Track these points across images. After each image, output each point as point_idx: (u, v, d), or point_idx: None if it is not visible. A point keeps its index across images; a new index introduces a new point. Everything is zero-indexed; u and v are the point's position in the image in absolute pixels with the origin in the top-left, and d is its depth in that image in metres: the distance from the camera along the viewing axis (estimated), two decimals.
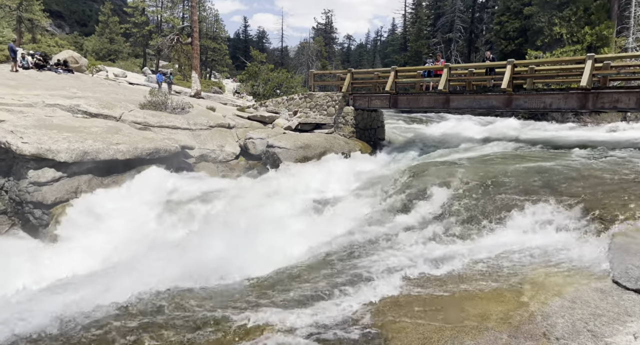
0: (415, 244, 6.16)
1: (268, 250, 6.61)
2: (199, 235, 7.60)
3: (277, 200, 10.92)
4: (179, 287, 4.94)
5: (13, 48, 20.36)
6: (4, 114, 14.01)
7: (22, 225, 11.53)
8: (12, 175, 11.86)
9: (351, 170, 13.93)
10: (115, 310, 4.37)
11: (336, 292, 4.71)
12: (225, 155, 17.06)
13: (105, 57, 44.20)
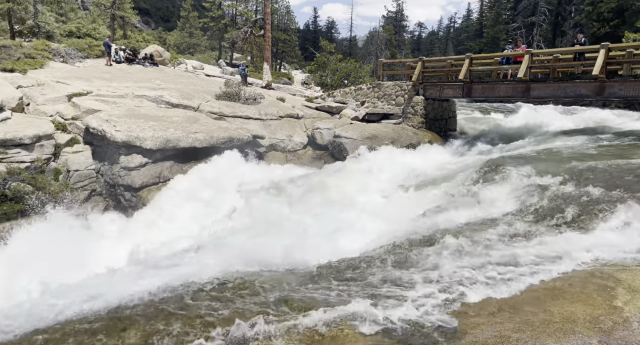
0: (496, 240, 5.87)
1: (340, 236, 6.68)
2: (271, 220, 7.89)
3: (346, 188, 10.97)
4: (247, 270, 5.18)
5: (108, 44, 22.42)
6: (100, 104, 15.52)
7: (115, 206, 12.75)
8: (107, 160, 13.13)
9: (420, 162, 13.57)
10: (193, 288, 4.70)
11: (407, 283, 4.65)
12: (293, 144, 17.44)
13: (185, 51, 47.04)
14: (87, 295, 4.56)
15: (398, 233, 6.76)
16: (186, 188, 12.18)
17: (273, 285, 4.70)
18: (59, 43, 23.33)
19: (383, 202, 9.82)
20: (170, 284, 4.73)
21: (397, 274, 4.91)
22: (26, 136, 12.31)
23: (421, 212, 7.88)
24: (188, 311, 4.07)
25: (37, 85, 16.33)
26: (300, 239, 6.51)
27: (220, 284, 4.58)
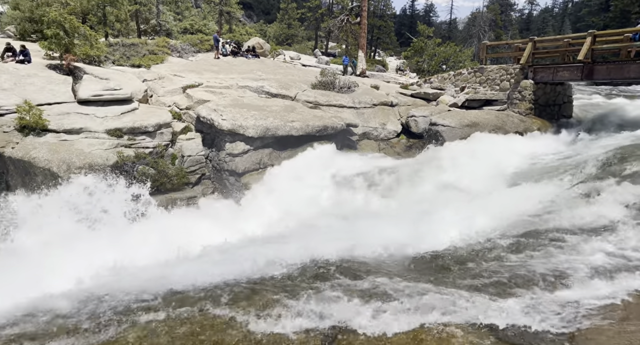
0: (622, 238, 5.22)
1: (439, 228, 6.50)
2: (366, 208, 7.97)
3: (441, 177, 10.59)
4: (345, 254, 5.31)
5: (217, 38, 24.32)
6: (209, 95, 16.93)
7: (220, 189, 13.92)
8: (214, 147, 14.34)
9: (528, 151, 12.48)
10: (289, 267, 4.98)
11: (520, 281, 4.38)
12: (386, 133, 17.23)
13: (284, 42, 48.88)
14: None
15: (500, 230, 6.35)
16: (282, 174, 12.82)
17: (372, 270, 4.77)
18: (176, 39, 25.89)
19: (482, 195, 9.26)
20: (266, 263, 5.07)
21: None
22: (150, 124, 13.97)
23: (529, 208, 7.27)
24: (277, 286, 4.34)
25: (158, 78, 18.36)
26: (395, 227, 6.48)
27: (319, 267, 4.78)
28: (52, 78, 15.15)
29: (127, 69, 19.07)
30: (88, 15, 21.82)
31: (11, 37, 20.43)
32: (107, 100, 14.62)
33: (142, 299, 4.28)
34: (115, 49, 20.71)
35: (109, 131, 13.16)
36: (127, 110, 14.55)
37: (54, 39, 15.44)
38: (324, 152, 14.04)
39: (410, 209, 7.59)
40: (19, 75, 14.61)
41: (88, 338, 3.72)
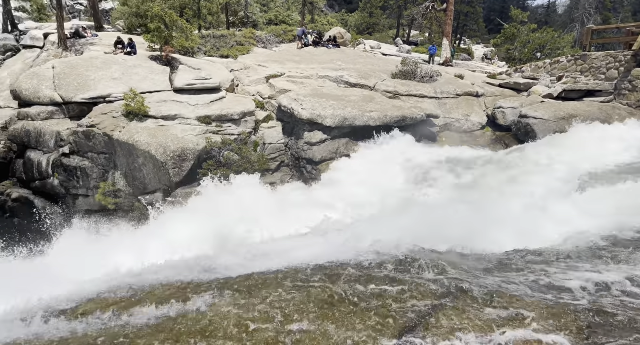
0: None
1: (522, 227, 6.13)
2: (444, 201, 7.74)
3: (532, 175, 9.86)
4: (419, 246, 5.22)
5: (303, 31, 24.93)
6: (290, 84, 17.42)
7: (298, 177, 14.33)
8: (294, 135, 14.78)
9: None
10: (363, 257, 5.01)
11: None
12: (470, 125, 16.41)
13: (364, 31, 48.37)
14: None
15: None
16: (359, 164, 12.84)
17: (455, 266, 4.66)
18: (261, 31, 26.92)
19: (577, 196, 8.47)
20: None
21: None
22: (235, 113, 14.78)
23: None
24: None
25: (244, 68, 19.29)
26: (474, 224, 6.21)
27: (399, 260, 4.76)
28: (153, 68, 16.63)
29: (217, 59, 20.27)
30: (185, 9, 23.53)
31: (120, 31, 22.76)
32: (199, 89, 15.72)
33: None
34: (207, 41, 22.09)
35: (199, 118, 14.18)
36: (216, 98, 15.53)
37: (156, 32, 16.91)
38: (402, 143, 13.79)
39: (491, 206, 7.19)
40: (127, 66, 16.26)
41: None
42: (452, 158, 12.85)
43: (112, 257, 7.26)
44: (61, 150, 13.12)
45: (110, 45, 19.07)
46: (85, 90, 14.50)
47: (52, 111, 14.25)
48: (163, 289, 4.57)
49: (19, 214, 12.72)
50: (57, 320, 4.20)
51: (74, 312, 4.34)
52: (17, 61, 20.12)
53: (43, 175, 13.13)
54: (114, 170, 12.81)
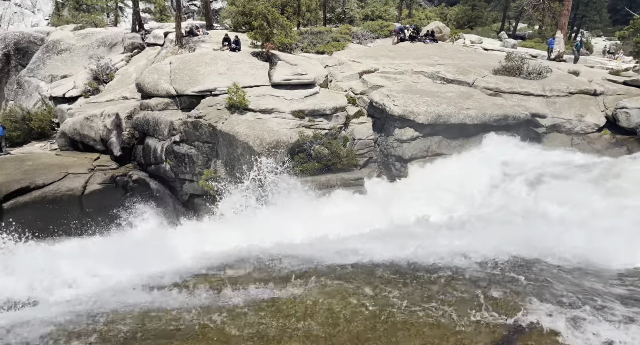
0: None
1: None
2: (548, 209, 7.08)
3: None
4: (518, 256, 4.87)
5: (400, 27, 24.53)
6: (383, 80, 17.25)
7: (385, 173, 14.18)
8: (384, 132, 14.64)
9: None
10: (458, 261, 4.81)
11: None
12: (584, 126, 14.76)
13: (465, 25, 45.85)
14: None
15: None
16: (452, 164, 12.30)
17: (561, 279, 4.29)
18: (357, 26, 27.01)
19: None
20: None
21: None
22: (328, 108, 15.08)
23: None
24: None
25: (338, 64, 19.54)
26: (587, 235, 5.59)
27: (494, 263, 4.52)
28: (255, 64, 17.65)
29: (313, 55, 20.82)
30: (286, 7, 24.56)
31: (227, 29, 24.51)
32: (295, 84, 16.32)
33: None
34: (305, 37, 22.79)
35: (294, 112, 14.74)
36: (310, 94, 15.99)
37: (258, 29, 17.92)
38: (501, 144, 12.89)
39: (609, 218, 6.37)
40: (231, 62, 17.48)
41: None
42: (562, 162, 11.64)
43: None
44: (173, 138, 14.60)
45: (218, 42, 20.65)
46: (195, 84, 15.91)
47: (167, 103, 15.91)
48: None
49: (138, 193, 14.45)
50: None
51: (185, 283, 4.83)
52: (142, 57, 22.78)
53: (158, 160, 14.76)
54: (216, 158, 13.91)
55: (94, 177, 14.39)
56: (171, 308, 4.04)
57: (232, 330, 3.64)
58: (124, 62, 22.72)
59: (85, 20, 26.85)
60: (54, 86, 21.47)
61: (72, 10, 33.51)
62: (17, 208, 12.72)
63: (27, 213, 12.64)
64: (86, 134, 16.63)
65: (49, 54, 22.85)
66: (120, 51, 23.46)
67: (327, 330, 3.58)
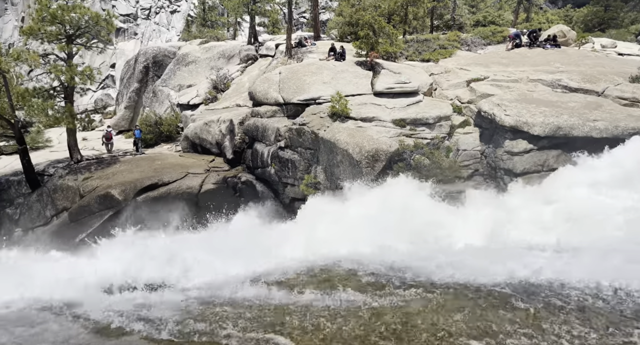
0: None
1: None
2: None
3: None
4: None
5: (517, 33, 22.79)
6: (494, 88, 16.18)
7: (492, 187, 13.17)
8: (492, 143, 13.69)
9: None
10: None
11: None
12: None
13: (595, 28, 40.89)
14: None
15: None
16: (573, 180, 10.98)
17: None
18: (467, 33, 25.80)
19: None
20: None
21: None
22: (431, 116, 14.63)
23: None
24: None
25: (444, 72, 18.86)
26: None
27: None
28: (358, 73, 17.90)
29: (417, 63, 20.40)
30: (392, 16, 24.50)
31: (333, 40, 25.29)
32: (397, 92, 16.15)
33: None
34: (410, 45, 22.46)
35: (394, 121, 14.59)
36: (413, 102, 15.68)
37: (364, 38, 18.14)
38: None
39: None
40: (335, 71, 17.96)
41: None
42: None
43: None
44: (278, 143, 15.45)
45: (324, 52, 21.39)
46: (301, 92, 16.66)
47: (275, 110, 16.91)
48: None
49: (245, 194, 15.59)
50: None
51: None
52: (254, 68, 24.61)
53: (264, 164, 15.75)
54: (316, 164, 14.37)
55: (209, 177, 15.88)
56: (279, 303, 4.29)
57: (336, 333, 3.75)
58: (239, 72, 24.78)
59: (209, 35, 29.93)
60: (181, 94, 24.26)
61: (199, 26, 37.61)
62: (147, 201, 14.60)
63: (155, 206, 14.44)
64: (204, 138, 18.46)
65: (178, 66, 25.93)
66: (236, 62, 25.64)
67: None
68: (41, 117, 17.08)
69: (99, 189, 15.05)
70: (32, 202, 15.98)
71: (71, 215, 14.97)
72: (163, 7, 54.99)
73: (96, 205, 14.67)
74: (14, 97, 15.54)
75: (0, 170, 18.33)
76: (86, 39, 17.70)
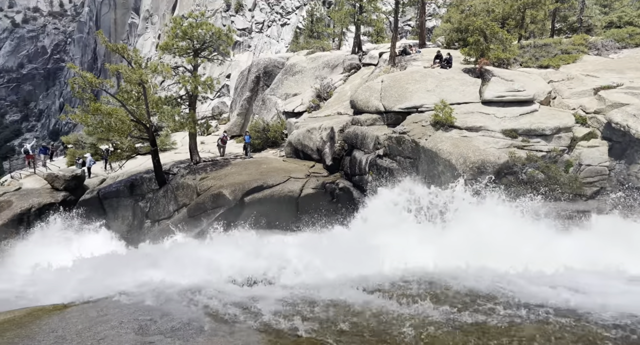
0: None
1: None
2: None
3: None
4: None
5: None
6: (628, 97, 14.12)
7: (627, 208, 11.42)
8: (625, 158, 11.95)
9: None
10: None
11: None
12: None
13: None
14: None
15: None
16: None
17: None
18: (596, 36, 22.95)
19: None
20: None
21: None
22: (547, 127, 13.29)
23: None
24: None
25: (566, 79, 17.01)
26: None
27: None
28: (465, 80, 17.04)
29: (533, 70, 18.72)
30: (507, 20, 22.89)
31: (439, 47, 24.49)
32: (508, 101, 15.01)
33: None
34: (525, 51, 20.73)
35: (504, 131, 13.56)
36: (526, 111, 14.43)
37: (473, 45, 17.25)
38: None
39: None
40: (440, 78, 17.34)
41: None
42: None
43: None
44: (377, 152, 15.39)
45: (429, 59, 20.81)
46: (402, 100, 16.41)
47: (375, 118, 16.90)
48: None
49: (342, 200, 15.80)
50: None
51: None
52: (357, 76, 24.93)
53: (362, 171, 15.81)
54: (415, 174, 13.98)
55: (309, 182, 16.43)
56: (378, 310, 4.27)
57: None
58: (341, 81, 25.32)
59: (315, 45, 31.14)
60: (287, 102, 25.60)
61: (307, 38, 39.37)
62: (253, 202, 15.61)
63: (260, 207, 15.38)
64: (306, 144, 19.18)
65: (285, 75, 27.42)
66: (339, 71, 26.25)
67: None
68: (169, 122, 19.32)
69: (212, 189, 16.51)
70: (159, 197, 18.15)
71: (189, 211, 16.66)
72: (275, 21, 58.85)
73: (210, 203, 16.11)
74: (150, 105, 17.89)
75: (136, 168, 21.19)
76: (209, 52, 19.69)
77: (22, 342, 4.54)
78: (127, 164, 21.08)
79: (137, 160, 22.05)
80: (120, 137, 17.20)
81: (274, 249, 8.68)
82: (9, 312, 5.66)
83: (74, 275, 7.82)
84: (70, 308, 5.64)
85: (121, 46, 17.44)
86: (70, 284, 7.31)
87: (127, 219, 18.32)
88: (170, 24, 18.81)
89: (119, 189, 18.91)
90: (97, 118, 16.52)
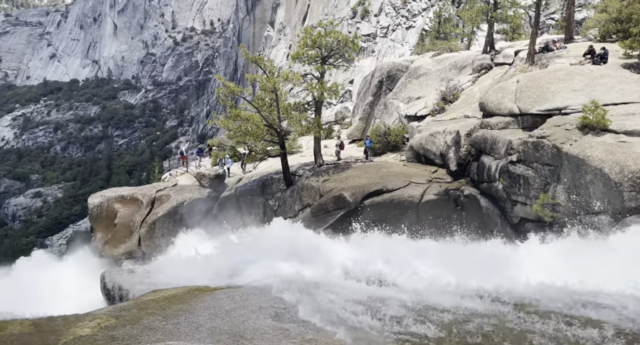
0: None
1: None
2: None
3: None
4: None
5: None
6: None
7: None
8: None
9: None
10: None
11: None
12: None
13: None
14: None
15: None
16: None
17: None
18: None
19: None
20: None
21: None
22: None
23: None
24: None
25: None
26: None
27: None
28: (624, 77, 14.62)
29: None
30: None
31: (591, 40, 21.40)
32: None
33: None
34: None
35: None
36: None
37: (637, 36, 14.68)
38: None
39: None
40: (591, 77, 15.16)
41: None
42: None
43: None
44: (509, 157, 14.12)
45: (577, 56, 18.35)
46: (542, 102, 14.77)
47: (508, 121, 15.54)
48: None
49: (466, 208, 14.89)
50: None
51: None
52: (487, 77, 23.24)
53: (491, 178, 14.68)
54: (556, 183, 12.46)
55: (430, 188, 15.87)
56: (512, 325, 4.00)
57: None
58: (470, 82, 23.88)
59: (442, 47, 29.97)
60: (409, 106, 25.14)
61: (433, 39, 38.14)
62: (373, 205, 15.71)
63: (379, 210, 15.40)
64: (428, 148, 18.57)
65: (409, 79, 26.96)
66: (468, 72, 24.80)
67: None
68: (297, 127, 20.60)
69: (334, 191, 17.08)
70: (286, 197, 19.49)
71: (312, 211, 17.51)
72: (400, 24, 58.35)
73: (331, 204, 16.70)
74: (281, 111, 19.36)
75: (267, 169, 23.14)
76: (334, 59, 20.46)
77: (184, 315, 5.46)
78: (259, 165, 23.12)
79: (267, 162, 24.02)
80: (255, 140, 18.95)
81: (393, 252, 8.61)
82: (173, 288, 6.83)
83: (215, 261, 8.90)
84: (219, 290, 6.49)
85: (258, 57, 19.21)
86: (212, 269, 8.35)
87: (259, 216, 20.04)
88: (302, 34, 20.04)
89: (252, 187, 20.84)
90: (236, 123, 18.47)
